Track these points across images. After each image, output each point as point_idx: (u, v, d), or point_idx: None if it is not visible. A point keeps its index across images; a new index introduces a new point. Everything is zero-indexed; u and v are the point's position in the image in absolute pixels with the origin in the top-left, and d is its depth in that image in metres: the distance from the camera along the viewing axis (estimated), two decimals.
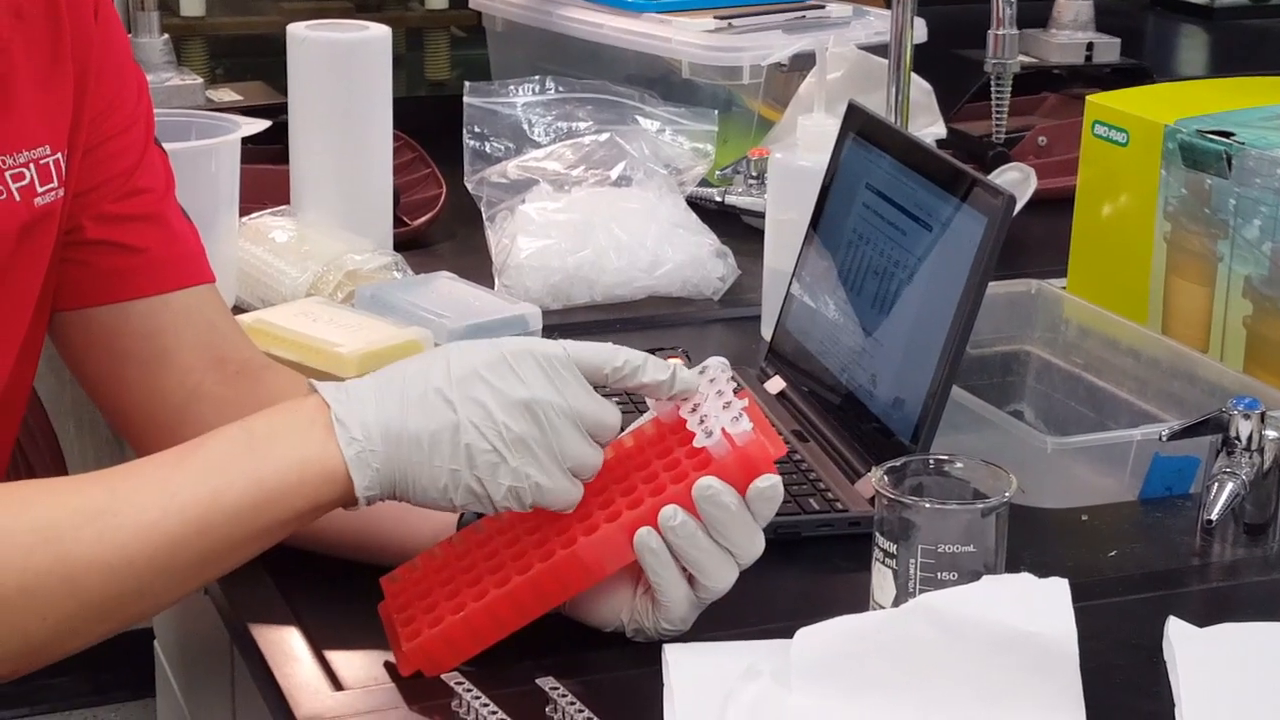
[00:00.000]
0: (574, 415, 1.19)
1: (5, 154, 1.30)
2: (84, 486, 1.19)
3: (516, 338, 1.22)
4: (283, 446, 1.19)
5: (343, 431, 1.19)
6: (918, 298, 1.47)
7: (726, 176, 2.25)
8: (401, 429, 1.18)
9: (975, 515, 1.21)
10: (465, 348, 1.22)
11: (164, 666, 1.93)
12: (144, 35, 2.41)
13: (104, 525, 1.16)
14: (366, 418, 1.19)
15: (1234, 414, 1.45)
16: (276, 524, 1.19)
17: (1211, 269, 1.72)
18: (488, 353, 1.20)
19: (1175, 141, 1.74)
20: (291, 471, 1.18)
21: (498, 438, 1.18)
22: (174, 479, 1.18)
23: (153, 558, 1.16)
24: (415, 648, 1.21)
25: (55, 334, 1.42)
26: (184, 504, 1.17)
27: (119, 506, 1.16)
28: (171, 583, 1.19)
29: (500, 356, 1.19)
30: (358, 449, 1.18)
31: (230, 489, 1.18)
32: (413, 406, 1.19)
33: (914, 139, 1.60)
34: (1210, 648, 1.24)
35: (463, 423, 1.18)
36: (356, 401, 1.20)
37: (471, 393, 1.18)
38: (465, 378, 1.19)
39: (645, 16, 2.38)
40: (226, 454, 1.19)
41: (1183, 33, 3.49)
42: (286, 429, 1.20)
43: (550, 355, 1.20)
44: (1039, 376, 1.81)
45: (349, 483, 1.18)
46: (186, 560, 1.18)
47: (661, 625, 1.23)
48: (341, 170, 2.00)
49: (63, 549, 1.14)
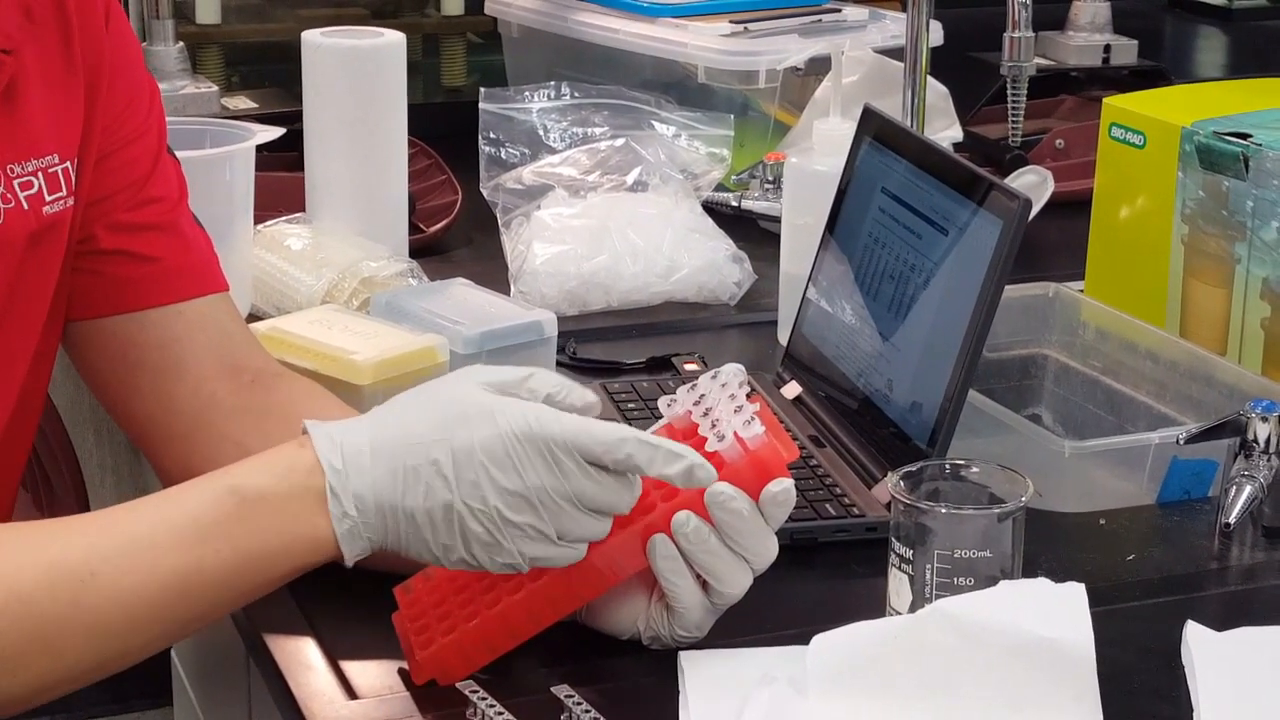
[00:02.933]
0: (577, 499, 1.16)
1: (14, 162, 1.30)
2: (64, 544, 1.16)
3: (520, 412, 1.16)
4: (272, 516, 1.17)
5: (335, 505, 1.17)
6: (934, 302, 1.46)
7: (742, 181, 2.25)
8: (396, 505, 1.16)
9: (992, 520, 1.20)
10: (467, 417, 1.17)
11: (181, 675, 1.93)
12: (159, 43, 2.41)
13: (81, 588, 1.14)
14: (361, 490, 1.17)
15: (1252, 417, 1.45)
16: (258, 587, 1.19)
17: (1229, 271, 1.71)
18: (487, 431, 1.16)
19: (1192, 143, 1.74)
20: (279, 542, 1.17)
21: (492, 524, 1.16)
22: (156, 542, 1.16)
23: (131, 622, 1.15)
24: (428, 656, 1.21)
25: (69, 344, 1.42)
26: (166, 571, 1.15)
27: (98, 568, 1.14)
28: (151, 643, 1.18)
29: (500, 440, 1.15)
30: (349, 525, 1.17)
31: (215, 556, 1.16)
32: (410, 481, 1.16)
33: (930, 143, 1.60)
34: (1229, 652, 1.23)
35: (458, 504, 1.16)
36: (353, 470, 1.17)
37: (469, 475, 1.16)
38: (464, 457, 1.16)
39: (661, 21, 2.38)
40: (213, 518, 1.17)
41: (1201, 34, 3.48)
42: (278, 496, 1.17)
43: (552, 441, 1.15)
44: (1057, 380, 1.81)
45: (338, 552, 1.18)
46: (166, 622, 1.17)
47: (677, 632, 1.23)
48: (357, 177, 1.99)
49: (36, 609, 1.13)
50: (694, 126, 2.22)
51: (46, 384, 1.43)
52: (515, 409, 1.17)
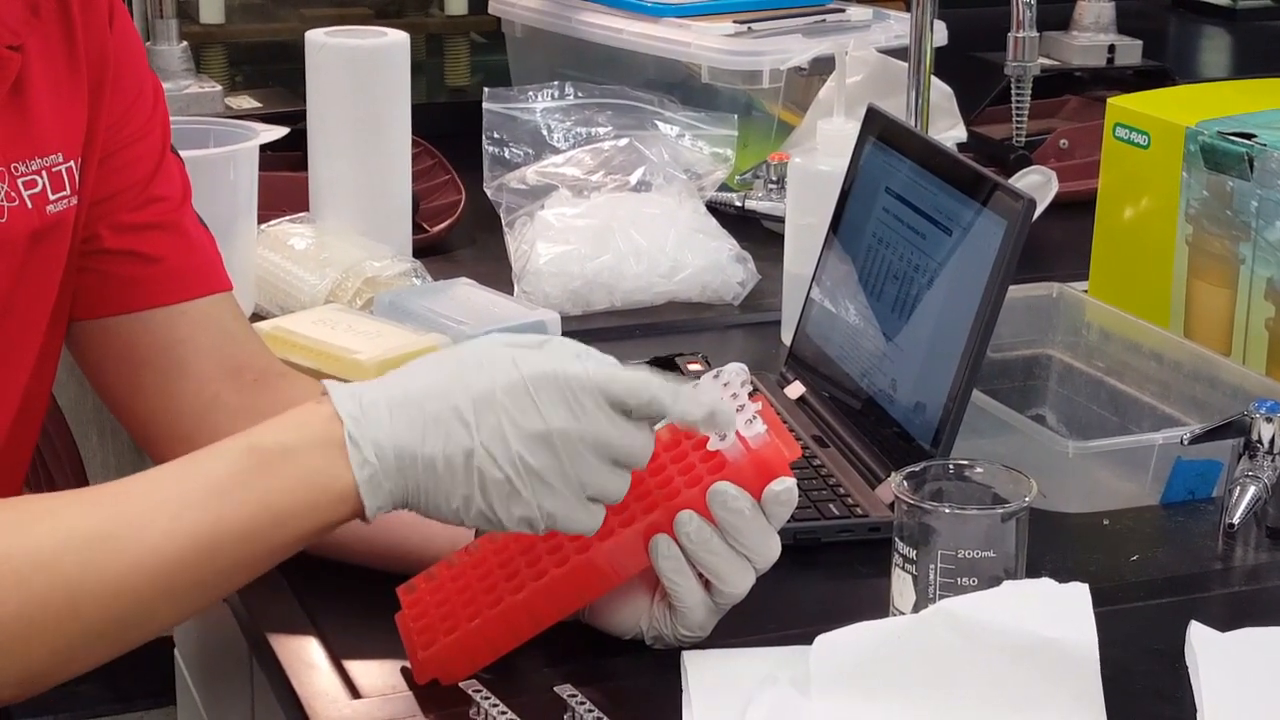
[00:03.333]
0: (597, 445, 1.15)
1: (18, 160, 1.30)
2: (85, 507, 1.16)
3: (541, 354, 1.16)
4: (292, 467, 1.15)
5: (355, 453, 1.15)
6: (938, 302, 1.46)
7: (746, 181, 2.25)
8: (416, 451, 1.15)
9: (995, 520, 1.20)
10: (487, 360, 1.17)
11: (184, 675, 1.93)
12: (163, 43, 2.41)
13: (105, 550, 1.13)
14: (380, 438, 1.15)
15: (1256, 417, 1.45)
16: (284, 545, 1.17)
17: (1233, 271, 1.71)
18: (508, 374, 1.15)
19: (1197, 144, 1.74)
20: (301, 495, 1.15)
21: (512, 469, 1.14)
22: (177, 500, 1.15)
23: (154, 582, 1.14)
24: (430, 656, 1.21)
25: (72, 343, 1.42)
26: (188, 528, 1.14)
27: (120, 530, 1.14)
28: (176, 605, 1.17)
29: (521, 382, 1.14)
30: (370, 472, 1.15)
31: (237, 512, 1.15)
32: (429, 427, 1.15)
33: (934, 143, 1.59)
34: (1233, 652, 1.23)
35: (477, 449, 1.14)
36: (371, 419, 1.16)
37: (489, 418, 1.14)
38: (483, 400, 1.14)
39: (664, 21, 2.38)
40: (232, 474, 1.16)
41: (1205, 34, 3.47)
42: (297, 447, 1.16)
43: (573, 381, 1.14)
44: (1060, 380, 1.80)
45: (359, 503, 1.16)
46: (190, 583, 1.15)
47: (680, 632, 1.23)
48: (360, 177, 2.00)
49: (62, 576, 1.12)
50: (698, 126, 2.22)
51: (50, 383, 1.43)
52: (536, 355, 1.16)
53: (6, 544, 1.12)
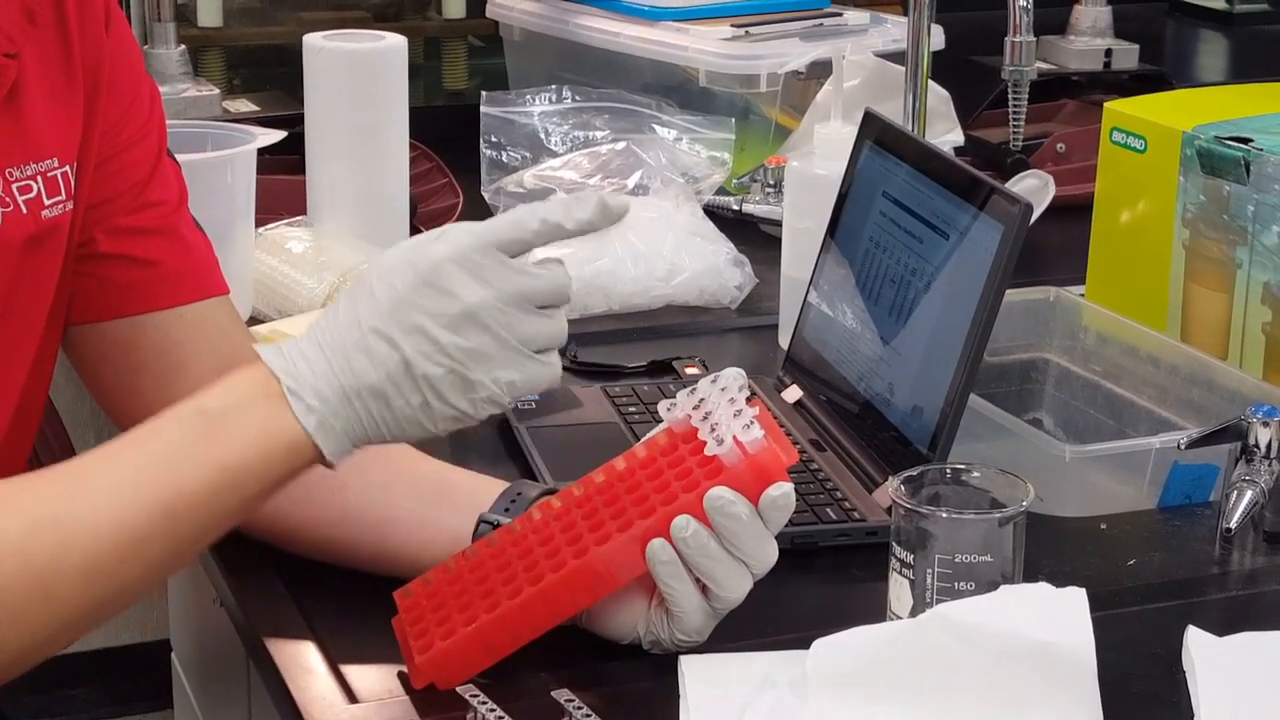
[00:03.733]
0: (517, 298, 1.15)
1: (12, 166, 1.30)
2: (43, 491, 1.17)
3: (432, 244, 1.16)
4: (240, 425, 1.16)
5: (297, 403, 1.16)
6: (935, 306, 1.46)
7: (744, 185, 2.25)
8: (355, 384, 1.15)
9: (992, 525, 1.20)
10: (383, 273, 1.17)
11: (181, 679, 1.93)
12: (160, 46, 2.41)
13: (68, 532, 1.14)
14: (317, 382, 1.16)
15: (1253, 421, 1.45)
16: (246, 501, 1.18)
17: (1230, 275, 1.71)
18: (408, 275, 1.15)
19: (1193, 148, 1.74)
20: (254, 451, 1.16)
21: (449, 359, 1.15)
22: (133, 473, 1.16)
23: (121, 557, 1.15)
24: (427, 660, 1.21)
25: (69, 347, 1.42)
26: (147, 500, 1.15)
27: (80, 510, 1.14)
28: (146, 574, 1.17)
29: (419, 276, 1.15)
30: (316, 418, 1.16)
31: (193, 477, 1.16)
32: (357, 357, 1.15)
33: (930, 147, 1.59)
34: (1230, 657, 1.23)
35: (411, 356, 1.15)
36: (303, 367, 1.17)
37: (407, 322, 1.15)
38: (395, 308, 1.15)
39: (662, 25, 2.38)
40: (183, 440, 1.17)
41: (1202, 38, 3.48)
42: (241, 406, 1.17)
43: (466, 252, 1.15)
44: (1058, 384, 1.80)
45: (315, 450, 1.17)
46: (159, 550, 1.16)
47: (677, 636, 1.23)
48: (358, 180, 2.00)
49: (31, 560, 1.13)
50: (695, 130, 2.22)
51: (47, 387, 1.42)
52: (427, 244, 1.16)
53: None
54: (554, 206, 1.17)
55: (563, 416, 1.64)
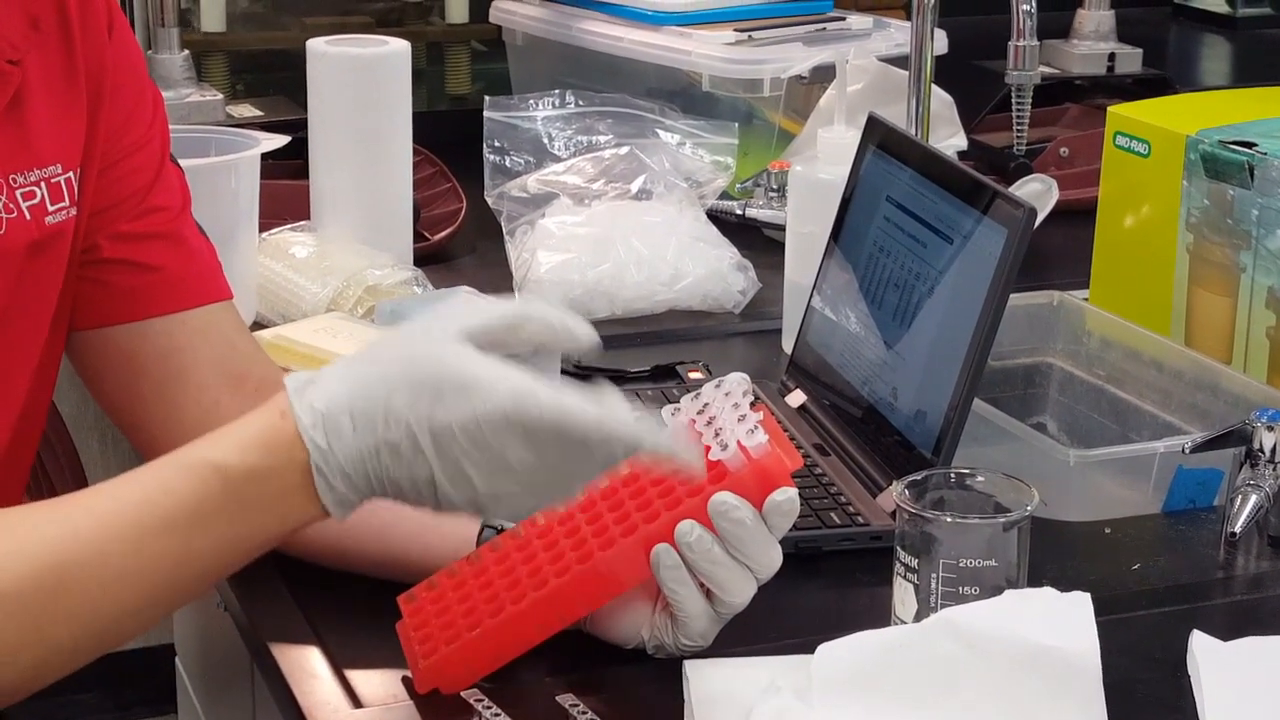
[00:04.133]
0: (556, 474, 1.14)
1: (16, 172, 1.30)
2: (47, 531, 1.14)
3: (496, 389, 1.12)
4: (259, 495, 1.15)
5: (321, 480, 1.14)
6: (939, 310, 1.46)
7: (747, 189, 2.25)
8: (383, 475, 1.14)
9: (997, 529, 1.20)
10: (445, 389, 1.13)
11: (185, 683, 1.93)
12: (164, 51, 2.41)
13: (68, 578, 1.12)
14: (346, 465, 1.14)
15: (1257, 426, 1.45)
16: (248, 557, 1.18)
17: (1234, 280, 1.71)
18: (464, 412, 1.11)
19: (1197, 152, 1.74)
20: (269, 520, 1.15)
21: (482, 493, 1.13)
22: (142, 525, 1.14)
23: (120, 606, 1.14)
24: (431, 665, 1.21)
25: (72, 353, 1.42)
26: (154, 554, 1.14)
27: (83, 554, 1.13)
28: (143, 622, 1.17)
29: (477, 423, 1.11)
30: (337, 496, 1.14)
31: (205, 537, 1.15)
32: (393, 456, 1.13)
33: (934, 151, 1.59)
34: (1234, 661, 1.23)
35: (440, 480, 1.13)
36: (336, 446, 1.13)
37: (450, 454, 1.12)
38: (444, 438, 1.12)
39: (665, 30, 2.38)
40: (197, 500, 1.14)
41: (1205, 42, 3.48)
42: (262, 474, 1.14)
43: (528, 424, 1.11)
44: (1061, 389, 1.80)
45: (325, 515, 1.16)
46: (157, 602, 1.16)
47: (681, 641, 1.23)
48: (362, 185, 2.00)
49: (27, 602, 1.12)
50: (698, 135, 2.22)
51: (51, 392, 1.42)
52: (491, 384, 1.12)
53: None
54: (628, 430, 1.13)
55: None
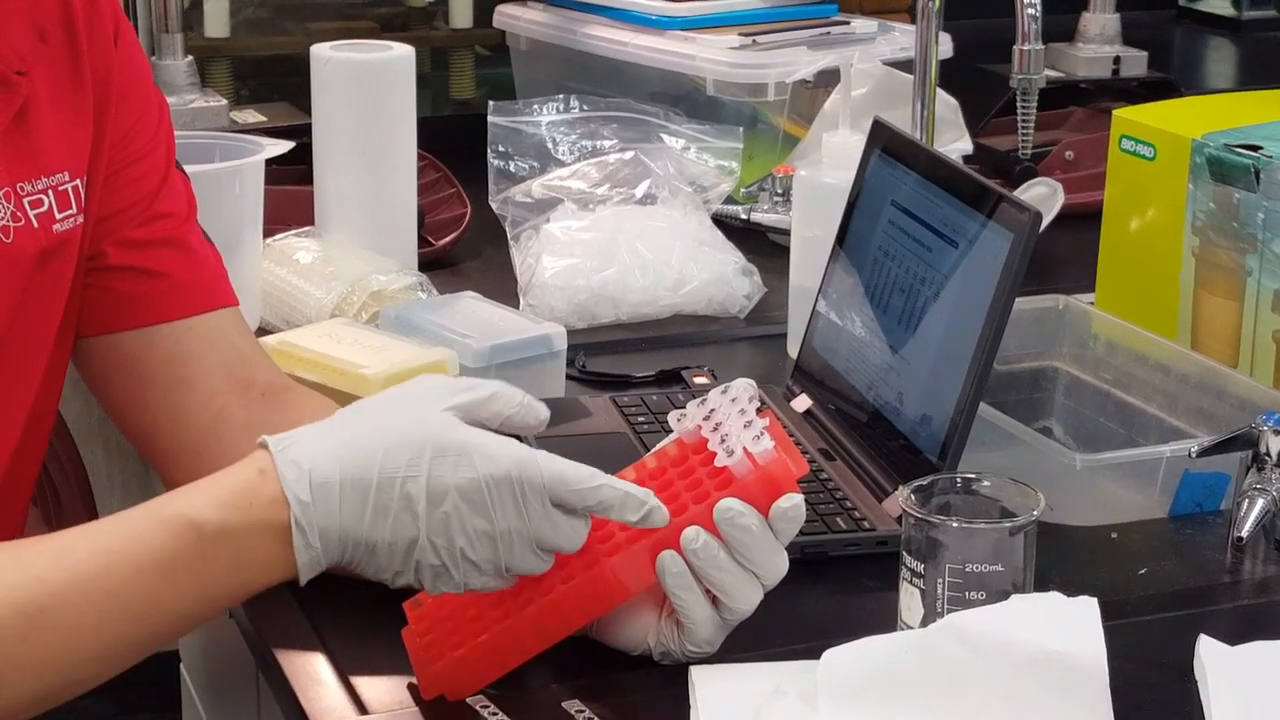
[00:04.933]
0: (535, 540, 1.16)
1: (24, 180, 1.30)
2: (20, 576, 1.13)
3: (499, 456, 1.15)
4: (232, 552, 1.15)
5: (299, 538, 1.15)
6: (944, 315, 1.46)
7: (752, 194, 2.25)
8: (360, 536, 1.15)
9: (1003, 534, 1.20)
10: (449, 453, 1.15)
11: (190, 689, 1.93)
12: (168, 57, 2.41)
13: (30, 627, 1.12)
14: (327, 525, 1.15)
15: (1264, 430, 1.44)
16: (217, 614, 1.19)
17: (1240, 283, 1.71)
18: (465, 476, 1.14)
19: (1203, 155, 1.74)
20: (239, 578, 1.16)
21: (450, 559, 1.15)
22: (111, 578, 1.14)
23: (81, 657, 1.14)
24: (437, 671, 1.20)
25: (79, 359, 1.42)
26: (121, 607, 1.14)
27: (48, 603, 1.12)
28: (102, 674, 1.16)
29: (478, 485, 1.14)
30: (312, 555, 1.15)
31: (174, 592, 1.15)
32: (377, 515, 1.15)
33: (939, 155, 1.59)
34: (1242, 666, 1.23)
35: (422, 539, 1.15)
36: (321, 506, 1.14)
37: (439, 511, 1.14)
38: (438, 496, 1.14)
39: (669, 34, 2.38)
40: (170, 555, 1.14)
41: (1210, 45, 3.47)
42: (239, 532, 1.15)
43: (527, 487, 1.14)
44: (1067, 393, 1.80)
45: (295, 576, 1.17)
46: (118, 657, 1.16)
47: (688, 648, 1.23)
48: (366, 191, 2.00)
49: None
50: (703, 139, 2.22)
51: (57, 399, 1.43)
52: (492, 451, 1.16)
53: None
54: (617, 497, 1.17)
55: (571, 426, 1.63)
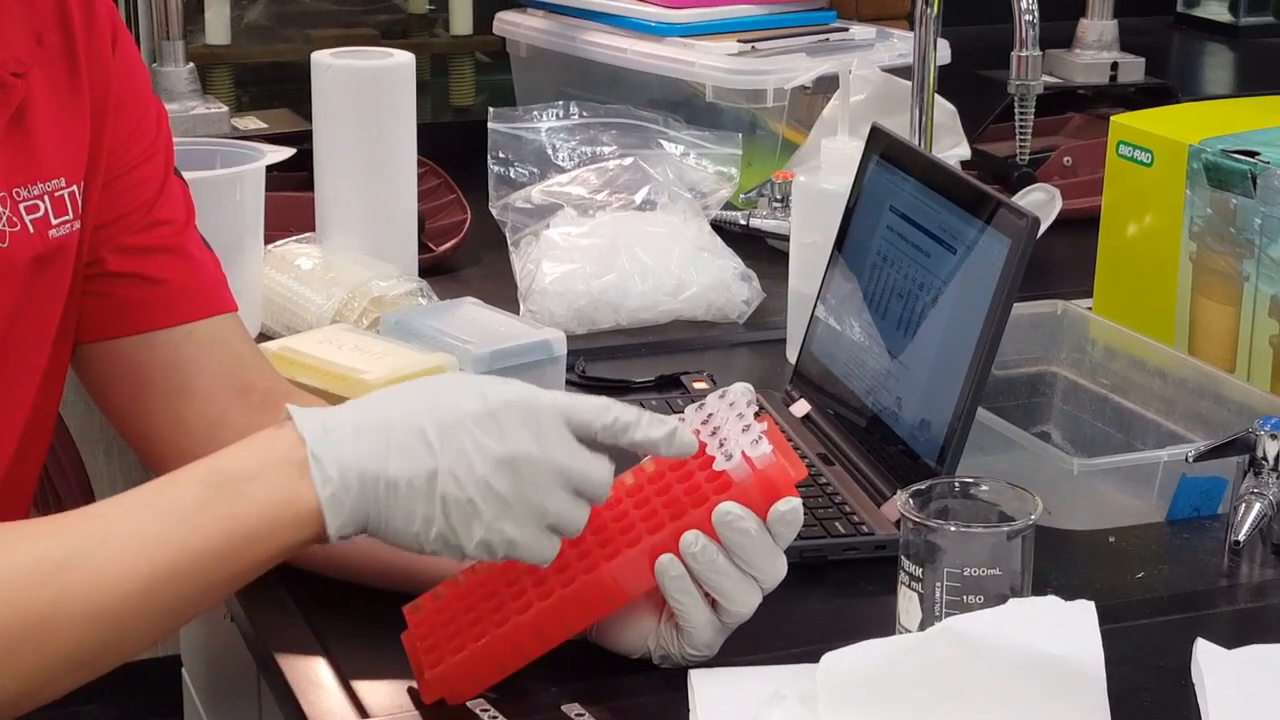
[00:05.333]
0: (559, 472, 1.16)
1: (20, 185, 1.31)
2: (49, 536, 1.15)
3: (508, 385, 1.18)
4: (254, 488, 1.16)
5: (318, 470, 1.15)
6: (942, 320, 1.46)
7: (751, 199, 2.25)
8: (379, 472, 1.15)
9: (1000, 538, 1.20)
10: (455, 390, 1.18)
11: (192, 694, 1.93)
12: (169, 64, 2.41)
13: (69, 578, 1.13)
14: (344, 457, 1.16)
15: (1260, 434, 1.45)
16: (248, 568, 1.17)
17: (1237, 288, 1.71)
18: (476, 403, 1.16)
19: (1200, 161, 1.74)
20: (264, 516, 1.15)
21: (475, 490, 1.15)
22: (141, 526, 1.15)
23: (119, 609, 1.14)
24: (437, 675, 1.21)
25: (78, 366, 1.42)
26: (152, 553, 1.14)
27: (83, 559, 1.13)
28: (141, 631, 1.16)
29: (487, 408, 1.16)
30: (332, 490, 1.15)
31: (202, 536, 1.15)
32: (394, 450, 1.15)
33: (937, 161, 1.60)
34: (1238, 669, 1.23)
35: (441, 471, 1.15)
36: (335, 439, 1.16)
37: (455, 442, 1.15)
38: (451, 425, 1.16)
39: (669, 40, 2.38)
40: (196, 498, 1.16)
41: (1208, 51, 3.48)
42: (259, 468, 1.16)
43: (538, 408, 1.16)
44: (1065, 397, 1.81)
45: (321, 523, 1.16)
46: (158, 608, 1.15)
47: (687, 651, 1.23)
48: (366, 197, 2.00)
49: (29, 603, 1.12)
50: (702, 145, 2.22)
51: (57, 405, 1.43)
52: (502, 385, 1.18)
53: None
54: (633, 413, 1.18)
55: None
